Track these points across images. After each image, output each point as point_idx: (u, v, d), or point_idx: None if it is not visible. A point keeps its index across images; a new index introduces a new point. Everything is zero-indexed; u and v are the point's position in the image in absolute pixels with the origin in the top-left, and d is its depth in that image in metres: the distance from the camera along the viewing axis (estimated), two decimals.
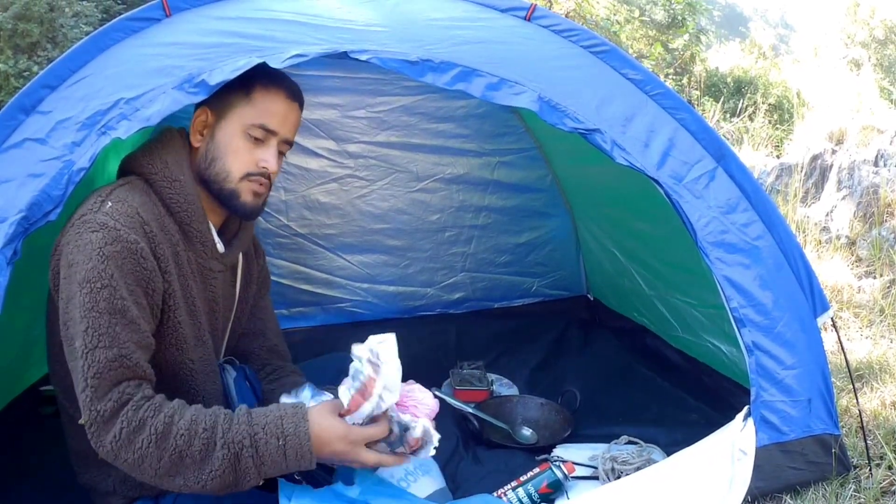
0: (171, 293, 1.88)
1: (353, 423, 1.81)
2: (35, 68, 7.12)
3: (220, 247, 2.07)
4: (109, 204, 1.79)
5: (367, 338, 1.88)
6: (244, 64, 1.95)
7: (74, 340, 1.70)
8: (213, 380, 2.05)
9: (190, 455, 1.67)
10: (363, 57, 2.10)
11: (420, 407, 2.03)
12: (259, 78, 1.99)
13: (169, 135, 2.04)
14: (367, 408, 1.81)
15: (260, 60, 1.98)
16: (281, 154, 2.07)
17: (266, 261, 2.47)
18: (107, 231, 1.73)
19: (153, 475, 1.68)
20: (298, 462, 1.73)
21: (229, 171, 1.98)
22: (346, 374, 2.56)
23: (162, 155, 1.97)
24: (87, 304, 1.68)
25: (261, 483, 1.76)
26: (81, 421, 1.68)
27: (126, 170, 1.99)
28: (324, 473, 2.04)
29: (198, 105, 2.03)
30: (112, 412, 1.66)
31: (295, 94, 2.06)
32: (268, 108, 1.99)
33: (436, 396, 2.77)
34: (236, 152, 1.98)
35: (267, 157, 2.00)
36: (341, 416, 1.81)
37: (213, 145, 2.00)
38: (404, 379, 1.98)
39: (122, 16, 2.07)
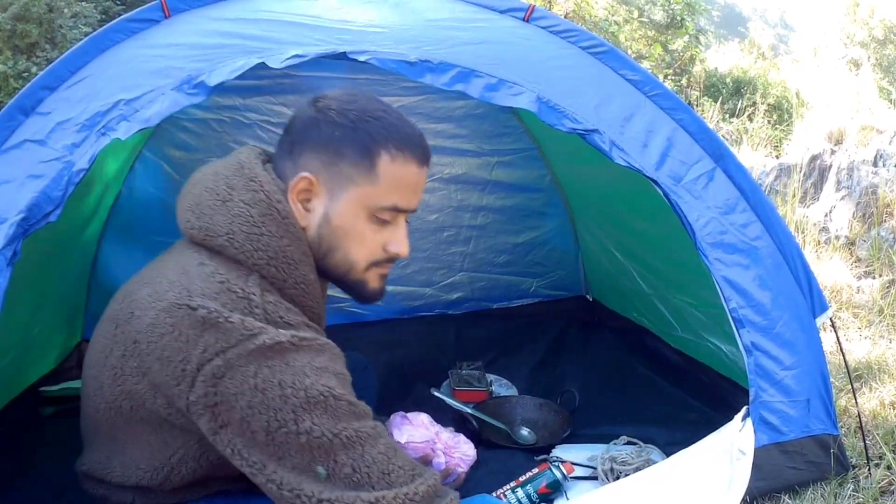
0: None
1: None
2: (34, 69, 7.14)
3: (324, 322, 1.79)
4: (286, 332, 1.50)
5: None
6: (242, 65, 1.95)
7: (322, 463, 1.46)
8: None
9: None
10: (362, 58, 2.10)
11: (465, 459, 2.20)
12: (382, 143, 1.61)
13: (276, 207, 1.61)
14: None
15: (258, 61, 1.98)
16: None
17: None
18: (304, 347, 1.50)
19: None
20: None
21: (354, 261, 1.67)
22: (353, 374, 2.60)
23: (284, 248, 1.60)
24: (328, 422, 1.47)
25: None
26: None
27: (211, 242, 1.60)
28: None
29: (290, 164, 1.67)
30: (425, 496, 1.50)
31: (426, 156, 1.69)
32: (398, 184, 1.63)
33: (434, 397, 2.80)
34: (361, 240, 1.65)
35: (397, 238, 1.68)
36: None
37: (327, 230, 1.64)
38: (404, 378, 2.09)
39: (121, 17, 2.07)
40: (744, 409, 2.34)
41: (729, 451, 2.23)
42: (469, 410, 2.83)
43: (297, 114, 1.70)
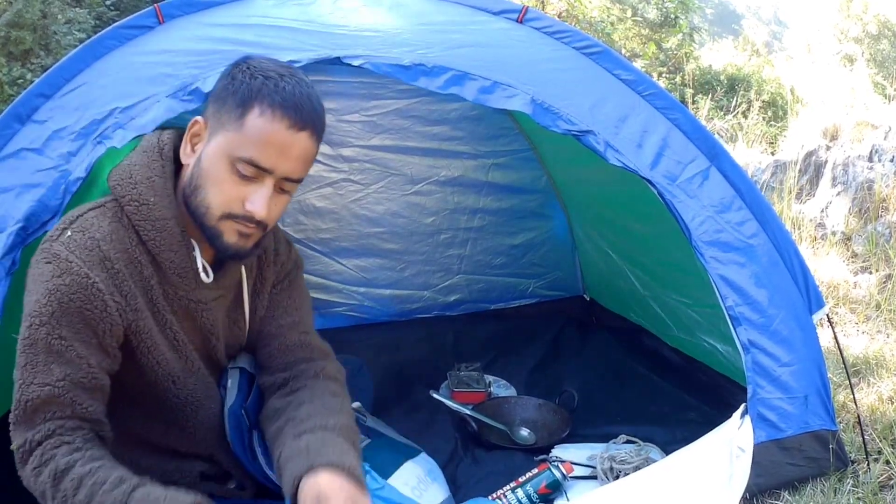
0: (139, 331, 1.69)
1: None
2: (29, 76, 7.15)
3: (206, 276, 1.75)
4: (69, 233, 1.62)
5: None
6: None
7: (16, 369, 1.60)
8: (210, 405, 1.86)
9: None
10: (356, 62, 2.11)
11: None
12: (259, 98, 1.60)
13: (146, 145, 1.74)
14: None
15: None
16: (284, 193, 1.68)
17: (292, 253, 2.08)
18: (58, 263, 1.58)
19: None
20: None
21: (209, 206, 1.63)
22: (349, 376, 2.62)
23: (132, 172, 1.69)
24: (27, 339, 1.59)
25: None
26: (13, 446, 1.60)
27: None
28: None
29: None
30: (37, 443, 1.57)
31: (303, 122, 1.61)
32: (261, 140, 1.59)
33: (433, 399, 2.81)
34: (220, 185, 1.62)
35: (255, 197, 1.62)
36: None
37: (197, 169, 1.65)
38: (403, 381, 2.11)
39: (115, 24, 2.08)
40: (742, 407, 2.35)
41: (728, 448, 2.23)
42: (468, 412, 2.83)
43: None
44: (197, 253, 1.72)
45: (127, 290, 1.65)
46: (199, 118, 1.68)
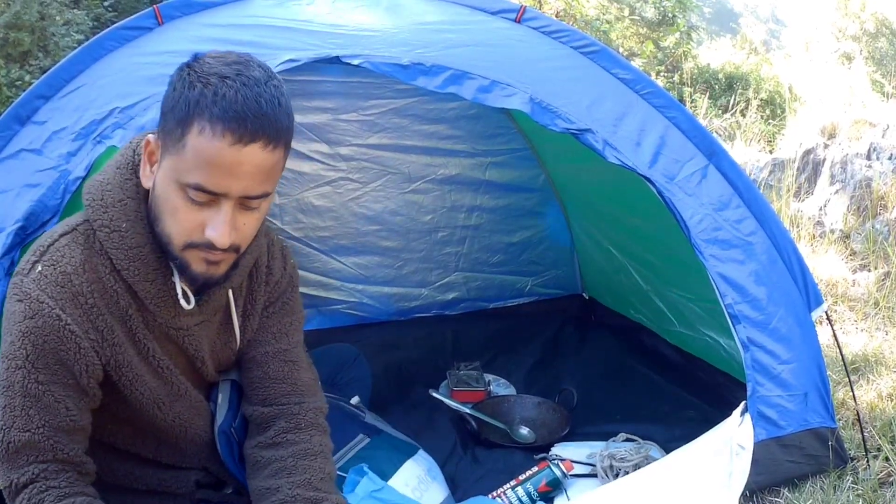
0: (119, 365, 1.61)
1: None
2: (27, 77, 7.13)
3: (186, 303, 1.63)
4: (40, 267, 1.51)
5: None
6: None
7: None
8: (199, 422, 1.82)
9: None
10: (355, 62, 2.11)
11: None
12: (198, 112, 1.39)
13: (121, 158, 1.61)
14: None
15: None
16: (251, 209, 1.51)
17: (287, 268, 1.90)
18: (29, 303, 1.49)
19: None
20: None
21: (169, 235, 1.50)
22: (345, 366, 2.61)
23: (104, 193, 1.56)
24: (5, 381, 1.52)
25: None
26: (1, 486, 1.55)
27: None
28: None
29: None
30: (23, 485, 1.52)
31: (251, 133, 1.39)
32: (205, 162, 1.40)
33: (433, 398, 2.81)
34: (175, 214, 1.47)
35: (214, 223, 1.45)
36: None
37: (153, 197, 1.53)
38: (402, 380, 2.08)
39: (114, 25, 2.08)
40: (742, 405, 2.35)
41: (728, 446, 2.23)
42: (468, 410, 2.84)
43: None
44: (176, 279, 1.60)
45: (103, 325, 1.57)
46: (150, 137, 1.52)
